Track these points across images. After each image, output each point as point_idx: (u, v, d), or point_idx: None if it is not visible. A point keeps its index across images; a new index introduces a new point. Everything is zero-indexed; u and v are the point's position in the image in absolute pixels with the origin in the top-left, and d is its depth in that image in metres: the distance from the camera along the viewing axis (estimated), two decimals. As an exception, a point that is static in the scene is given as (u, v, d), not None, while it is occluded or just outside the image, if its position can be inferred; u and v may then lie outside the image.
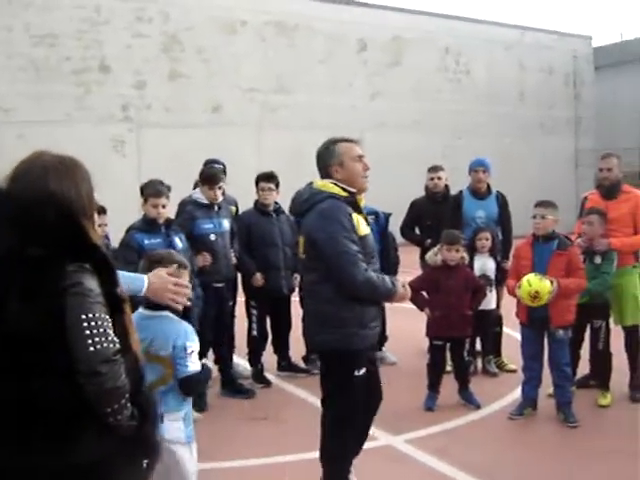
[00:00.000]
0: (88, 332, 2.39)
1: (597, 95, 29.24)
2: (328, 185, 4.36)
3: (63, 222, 2.51)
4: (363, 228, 4.31)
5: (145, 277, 3.39)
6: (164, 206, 6.23)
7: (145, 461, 2.63)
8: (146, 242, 6.09)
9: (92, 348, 2.39)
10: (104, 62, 19.02)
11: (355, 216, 4.26)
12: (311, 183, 4.50)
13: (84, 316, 2.40)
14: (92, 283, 2.45)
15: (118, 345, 2.46)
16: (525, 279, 5.98)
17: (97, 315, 2.42)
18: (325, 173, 4.43)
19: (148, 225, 6.23)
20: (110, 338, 2.43)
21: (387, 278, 4.33)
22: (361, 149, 4.44)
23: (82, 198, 2.59)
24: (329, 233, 4.19)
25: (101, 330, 2.41)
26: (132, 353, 2.61)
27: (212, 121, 20.39)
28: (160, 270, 3.49)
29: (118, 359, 2.44)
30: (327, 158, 4.41)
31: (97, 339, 2.40)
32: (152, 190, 6.31)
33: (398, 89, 23.61)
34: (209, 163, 7.87)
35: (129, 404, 2.47)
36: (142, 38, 19.48)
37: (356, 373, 4.32)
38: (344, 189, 4.33)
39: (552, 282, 5.93)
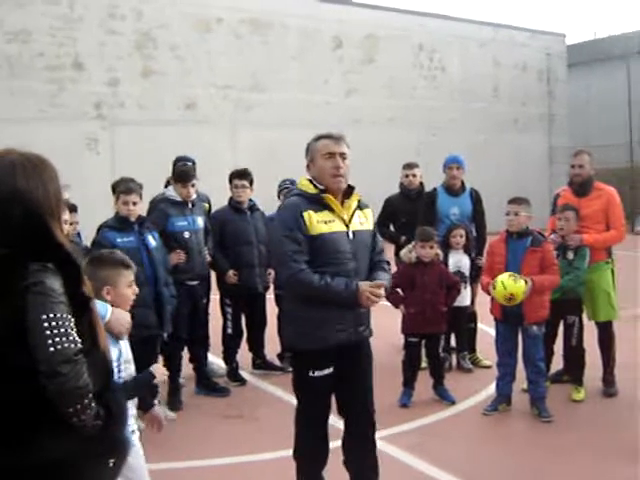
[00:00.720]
0: (49, 332, 2.36)
1: (571, 92, 29.42)
2: (302, 181, 4.33)
3: (28, 221, 2.48)
4: (320, 226, 4.13)
5: (109, 307, 3.50)
6: (135, 203, 6.19)
7: (111, 460, 2.61)
8: (118, 240, 6.05)
9: (52, 348, 2.36)
10: (77, 59, 18.84)
11: (309, 214, 4.11)
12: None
13: (45, 316, 2.37)
14: (55, 283, 2.43)
15: (80, 345, 2.43)
16: (499, 281, 6.00)
17: (58, 315, 2.39)
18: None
19: (120, 223, 6.19)
20: (72, 338, 2.41)
21: (338, 281, 4.09)
22: (342, 146, 4.26)
23: (49, 197, 2.56)
24: (275, 232, 4.26)
25: (62, 330, 2.39)
26: (100, 351, 2.59)
27: (186, 118, 20.25)
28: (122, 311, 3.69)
29: (80, 359, 2.41)
30: (306, 154, 4.36)
31: (58, 339, 2.37)
32: (123, 187, 6.29)
33: (373, 86, 23.61)
34: (180, 160, 7.82)
35: (93, 403, 2.44)
36: (115, 35, 19.30)
37: (311, 374, 4.21)
38: (315, 186, 4.23)
39: (526, 282, 5.96)
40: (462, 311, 7.55)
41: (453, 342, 7.87)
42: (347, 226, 4.24)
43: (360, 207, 4.40)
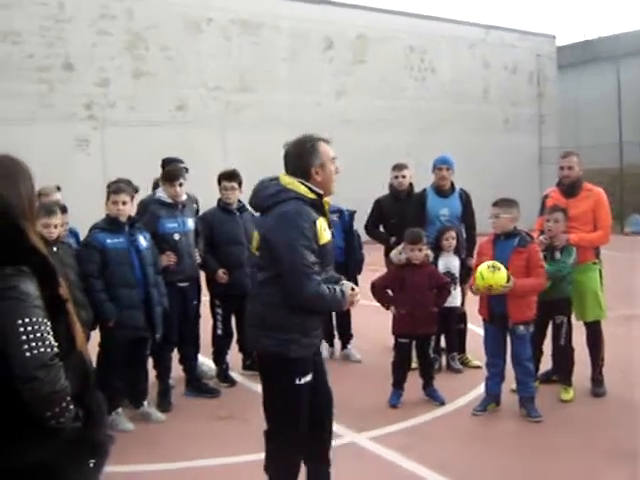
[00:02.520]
0: (24, 337, 2.36)
1: (560, 93, 29.52)
2: (295, 184, 4.09)
3: (0, 224, 2.48)
4: (326, 235, 4.09)
5: None
6: (124, 203, 6.19)
7: (92, 461, 2.61)
8: (108, 241, 6.07)
9: (28, 353, 2.35)
10: (68, 60, 18.80)
11: (320, 222, 4.04)
12: (276, 178, 4.20)
13: (20, 321, 2.37)
14: (29, 286, 2.42)
15: (56, 349, 2.42)
16: (478, 272, 6.07)
17: (34, 319, 2.39)
18: (303, 172, 4.13)
19: (110, 224, 6.20)
20: (47, 342, 2.40)
21: (338, 289, 4.12)
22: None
23: (22, 199, 2.55)
24: (289, 239, 3.97)
25: (38, 335, 2.38)
26: (77, 353, 2.59)
27: (177, 119, 20.25)
28: None
29: (56, 363, 2.40)
30: (309, 157, 4.13)
31: (34, 344, 2.36)
32: (113, 187, 6.31)
33: (363, 87, 23.63)
34: (168, 162, 7.80)
35: (71, 406, 2.45)
36: (106, 36, 19.27)
37: (297, 381, 4.14)
38: (311, 190, 4.09)
39: (509, 276, 6.00)
40: (452, 312, 7.57)
41: (443, 343, 7.89)
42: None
43: None
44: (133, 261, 6.14)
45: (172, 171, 7.04)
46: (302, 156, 4.14)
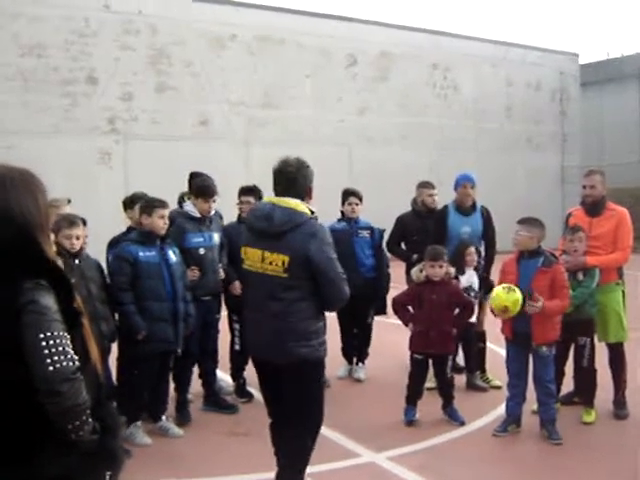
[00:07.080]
0: (47, 351, 2.36)
1: (583, 112, 29.38)
2: (300, 205, 4.45)
3: (19, 238, 2.48)
4: None
5: None
6: (163, 217, 6.23)
7: (108, 473, 2.61)
8: (141, 254, 6.08)
9: (52, 367, 2.35)
10: (92, 74, 18.94)
11: None
12: (278, 201, 4.51)
13: (42, 335, 2.36)
14: (49, 300, 2.42)
15: (78, 362, 2.43)
16: (494, 293, 6.10)
17: (55, 333, 2.39)
18: (301, 192, 4.52)
19: (145, 237, 6.21)
20: (69, 356, 2.40)
21: None
22: None
23: (40, 213, 2.57)
24: (329, 254, 4.38)
25: (60, 349, 2.38)
26: (92, 366, 2.60)
27: (199, 135, 20.32)
28: None
29: (78, 377, 2.41)
30: (309, 178, 4.57)
31: (56, 358, 2.37)
32: (157, 202, 6.29)
33: (386, 104, 23.63)
34: (197, 176, 7.77)
35: (90, 419, 2.45)
36: (130, 51, 19.41)
37: (322, 380, 4.79)
38: (310, 210, 4.48)
39: (524, 293, 5.95)
40: (470, 328, 7.46)
41: (461, 361, 7.81)
42: None
43: None
44: (164, 275, 6.14)
45: (209, 187, 6.95)
46: (307, 177, 4.55)
